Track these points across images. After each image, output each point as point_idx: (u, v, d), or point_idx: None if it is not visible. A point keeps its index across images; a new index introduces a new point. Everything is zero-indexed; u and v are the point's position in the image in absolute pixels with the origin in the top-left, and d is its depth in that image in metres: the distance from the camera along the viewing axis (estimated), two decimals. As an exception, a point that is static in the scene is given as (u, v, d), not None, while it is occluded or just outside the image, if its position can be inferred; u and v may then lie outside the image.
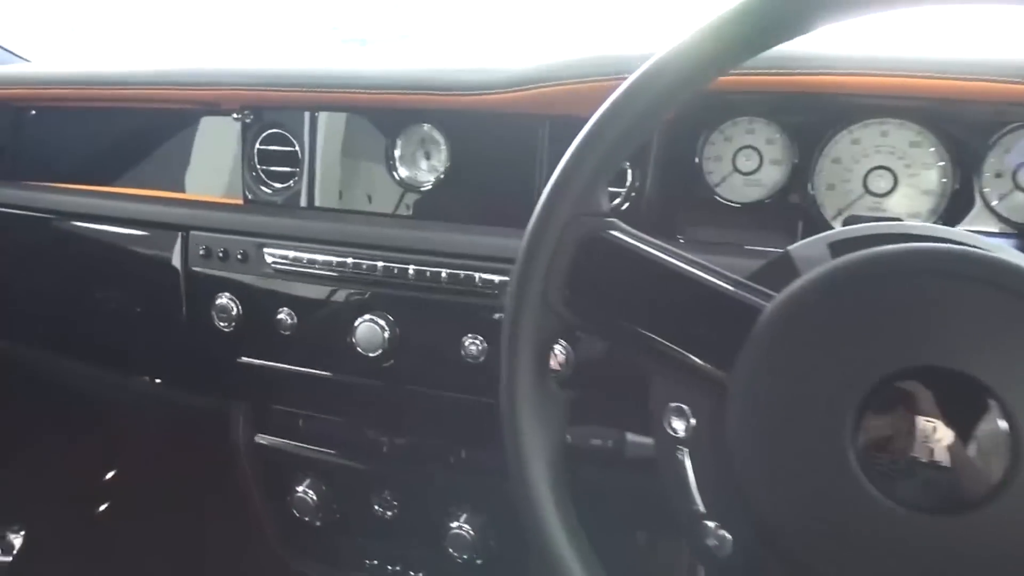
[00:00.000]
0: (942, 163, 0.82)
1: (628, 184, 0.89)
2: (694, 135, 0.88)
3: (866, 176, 0.84)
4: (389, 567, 1.06)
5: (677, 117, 0.86)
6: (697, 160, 0.88)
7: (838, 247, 0.61)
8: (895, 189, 0.84)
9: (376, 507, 1.02)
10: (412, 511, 1.01)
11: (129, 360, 1.12)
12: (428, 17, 1.98)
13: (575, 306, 0.56)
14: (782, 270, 0.63)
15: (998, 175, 0.80)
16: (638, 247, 0.55)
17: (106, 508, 1.55)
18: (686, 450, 0.54)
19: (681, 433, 0.54)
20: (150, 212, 1.05)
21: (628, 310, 0.55)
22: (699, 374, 0.52)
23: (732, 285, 0.53)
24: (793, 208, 0.86)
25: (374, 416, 0.97)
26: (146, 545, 1.58)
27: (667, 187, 0.88)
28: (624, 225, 0.57)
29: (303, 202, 1.02)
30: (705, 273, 0.53)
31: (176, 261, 1.02)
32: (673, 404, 0.54)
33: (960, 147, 0.81)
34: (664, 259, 0.54)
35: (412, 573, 1.05)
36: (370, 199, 0.99)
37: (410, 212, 0.96)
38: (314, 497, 1.03)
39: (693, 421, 0.53)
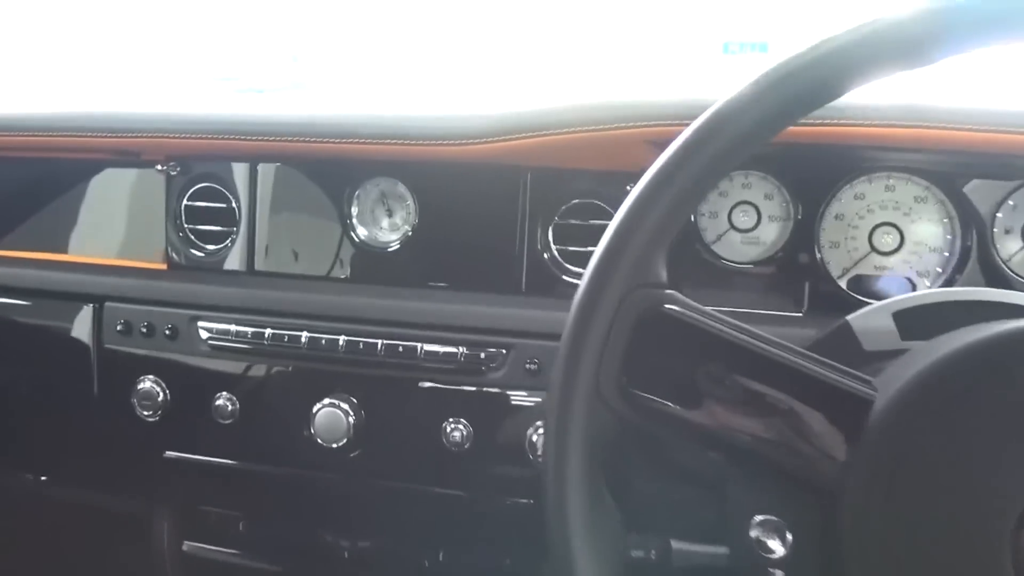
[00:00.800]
0: (947, 219, 0.78)
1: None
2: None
3: (871, 233, 0.79)
4: None
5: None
6: (691, 217, 0.81)
7: (905, 317, 0.54)
8: (901, 246, 0.79)
9: (336, 620, 0.88)
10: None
11: (29, 456, 0.93)
12: (321, 66, 1.87)
13: (633, 398, 0.46)
14: (845, 344, 0.56)
15: (1007, 231, 0.77)
16: (709, 324, 0.46)
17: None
18: (779, 573, 0.44)
19: (777, 553, 0.44)
20: (54, 280, 0.89)
21: (699, 402, 0.46)
22: (796, 481, 0.43)
23: (831, 371, 0.44)
24: (796, 268, 0.80)
25: (334, 516, 0.83)
26: None
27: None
28: (685, 298, 0.48)
29: (240, 266, 0.88)
30: (795, 356, 0.45)
31: (86, 338, 0.86)
32: (761, 517, 0.44)
33: (967, 203, 0.77)
34: (744, 339, 0.46)
35: None
36: (323, 263, 0.87)
37: (372, 278, 0.84)
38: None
39: (790, 537, 0.44)
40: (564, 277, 0.82)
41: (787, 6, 1.65)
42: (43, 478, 0.93)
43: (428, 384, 0.77)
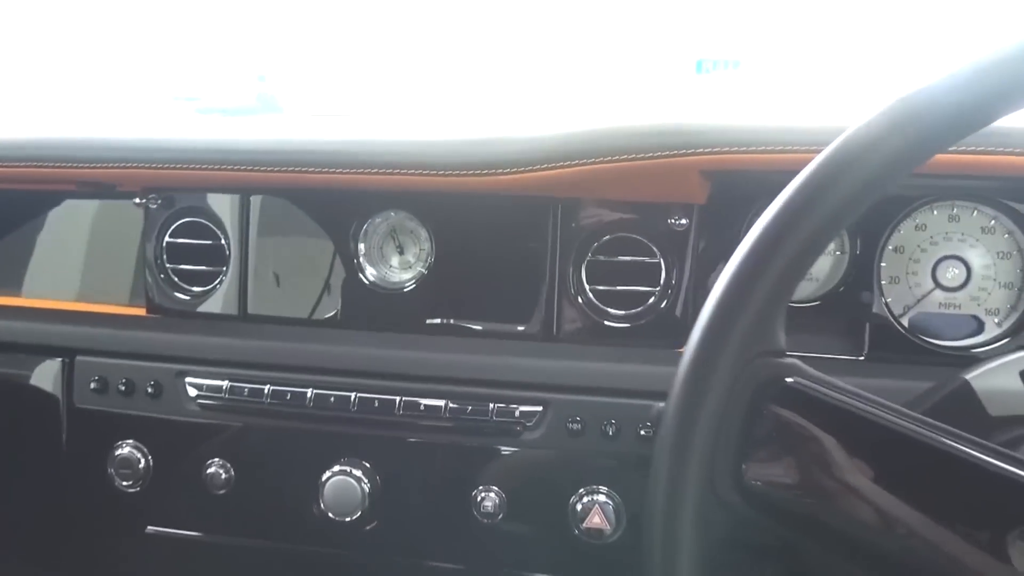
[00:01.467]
0: (1017, 251, 0.71)
1: (663, 279, 0.72)
2: (734, 218, 0.74)
3: (935, 267, 0.72)
4: None
5: (718, 198, 0.72)
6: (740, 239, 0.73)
7: (1035, 377, 0.47)
8: (968, 282, 0.72)
9: None
10: None
11: None
12: (290, 85, 1.77)
13: (753, 493, 0.38)
14: (967, 408, 0.48)
15: (1086, 264, 0.70)
16: (844, 400, 0.38)
17: None
18: None
19: None
20: (15, 329, 0.78)
21: (837, 498, 0.37)
22: None
23: (990, 455, 0.36)
24: (853, 306, 0.73)
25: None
26: None
27: (706, 282, 0.73)
28: (808, 367, 0.40)
29: (230, 311, 0.78)
30: (961, 443, 0.37)
31: (55, 398, 0.75)
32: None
33: None
34: (889, 419, 0.37)
35: None
36: (326, 308, 0.77)
37: (384, 324, 0.74)
38: None
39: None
40: (602, 321, 0.73)
41: (759, 23, 1.61)
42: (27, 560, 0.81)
43: (454, 447, 0.67)
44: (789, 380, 0.38)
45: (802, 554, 0.43)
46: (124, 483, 0.72)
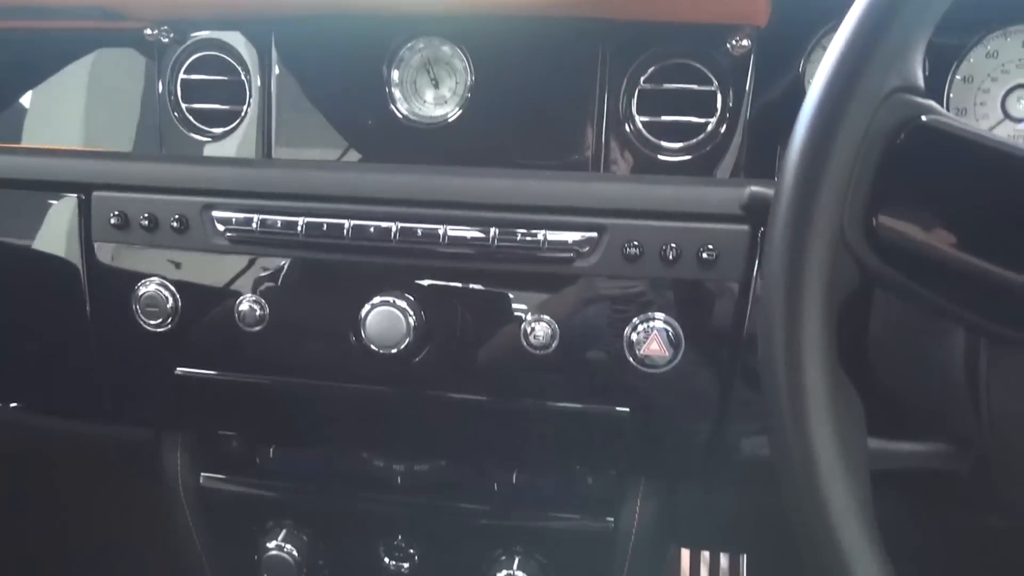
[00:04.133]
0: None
1: (719, 108, 0.68)
2: (797, 44, 0.69)
3: (1005, 97, 0.68)
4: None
5: (778, 22, 0.67)
6: (800, 69, 0.69)
7: None
8: (1039, 112, 0.68)
9: (386, 559, 0.76)
10: (438, 563, 0.75)
11: (14, 383, 0.78)
12: None
13: (885, 243, 0.34)
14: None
15: None
16: (990, 140, 0.34)
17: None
18: None
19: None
20: (24, 166, 0.73)
21: (976, 243, 0.34)
22: None
23: None
24: None
25: (387, 437, 0.70)
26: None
27: (765, 112, 0.69)
28: (944, 110, 0.36)
29: (253, 152, 0.74)
30: None
31: (72, 236, 0.71)
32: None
33: None
34: None
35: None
36: (355, 146, 0.73)
37: (419, 161, 0.70)
38: (294, 553, 0.74)
39: None
40: (655, 155, 0.69)
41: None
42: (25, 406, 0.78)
43: (503, 277, 0.64)
44: (926, 119, 0.35)
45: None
46: (151, 322, 0.69)
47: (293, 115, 0.74)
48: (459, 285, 0.65)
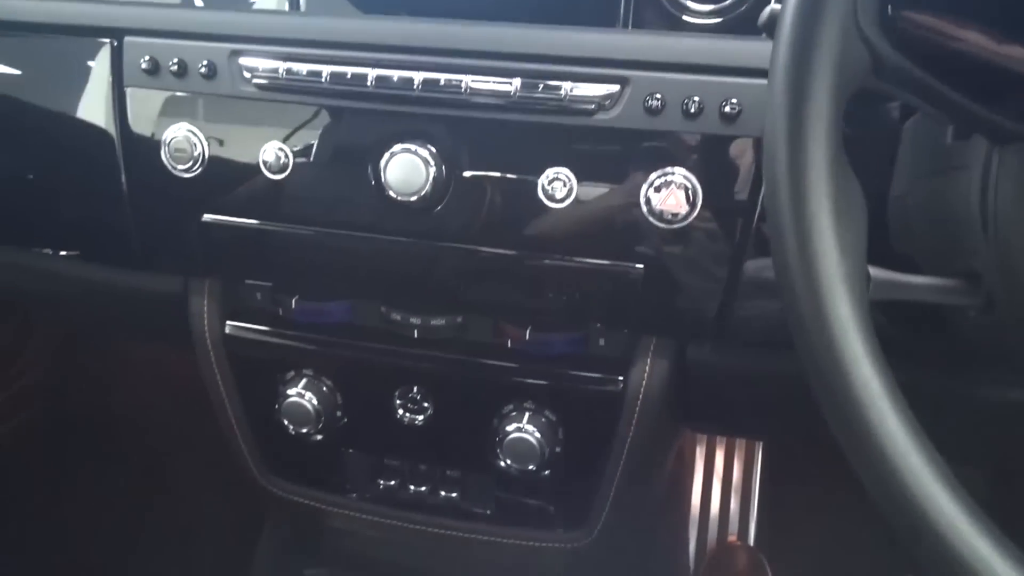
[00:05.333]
0: None
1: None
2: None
3: None
4: (413, 487, 0.83)
5: None
6: None
7: None
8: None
9: (400, 411, 0.79)
10: (450, 411, 0.78)
11: (39, 228, 0.81)
12: None
13: (901, 35, 0.34)
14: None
15: None
16: None
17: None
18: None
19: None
20: (57, 11, 0.74)
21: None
22: None
23: None
24: None
25: (405, 288, 0.72)
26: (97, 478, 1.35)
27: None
28: None
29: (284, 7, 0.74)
30: None
31: (104, 80, 0.72)
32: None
33: None
34: None
35: (446, 493, 0.83)
36: (386, 8, 0.72)
37: (449, 13, 0.69)
38: (314, 402, 0.77)
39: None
40: (680, 16, 0.68)
41: None
42: (63, 253, 0.81)
43: (524, 128, 0.64)
44: None
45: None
46: (179, 167, 0.71)
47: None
48: (479, 136, 0.65)
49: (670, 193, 0.62)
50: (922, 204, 0.50)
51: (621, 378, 0.72)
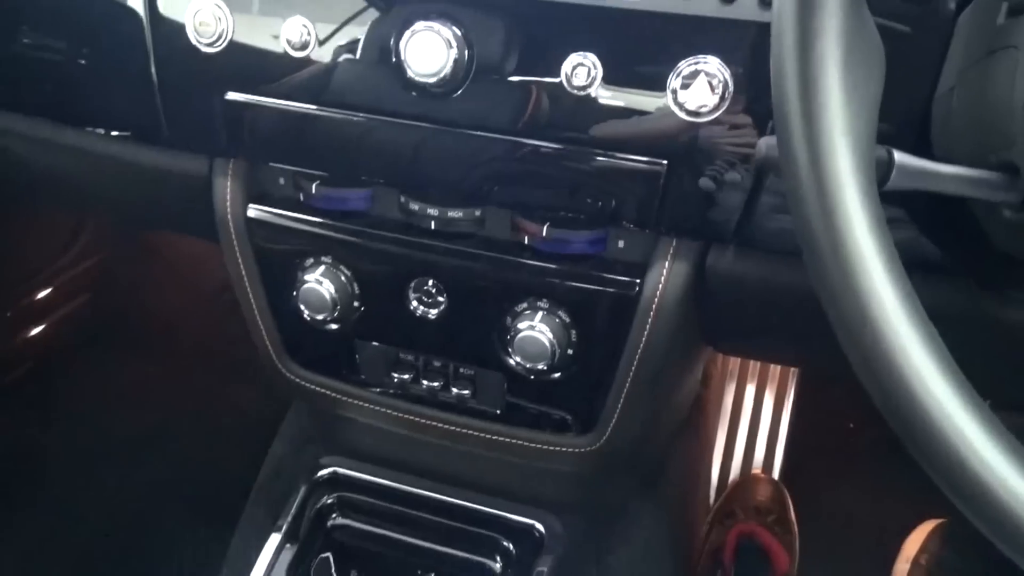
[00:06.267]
0: None
1: None
2: None
3: None
4: (427, 383, 0.84)
5: None
6: None
7: None
8: None
9: (414, 303, 0.78)
10: (464, 306, 0.77)
11: (69, 104, 0.81)
12: None
13: None
14: None
15: None
16: None
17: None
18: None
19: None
20: None
21: None
22: None
23: None
24: None
25: (424, 175, 0.70)
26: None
27: None
28: None
29: None
30: None
31: (132, -51, 0.71)
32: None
33: None
34: None
35: (458, 390, 0.83)
36: None
37: None
38: (331, 289, 0.78)
39: None
40: None
41: None
42: (93, 129, 0.82)
43: (549, 10, 0.61)
44: None
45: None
46: (203, 42, 0.70)
47: None
48: (503, 17, 0.63)
49: (699, 84, 0.59)
50: (964, 94, 0.47)
51: (638, 281, 0.71)
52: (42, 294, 1.56)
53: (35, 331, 1.56)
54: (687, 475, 1.24)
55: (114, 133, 0.82)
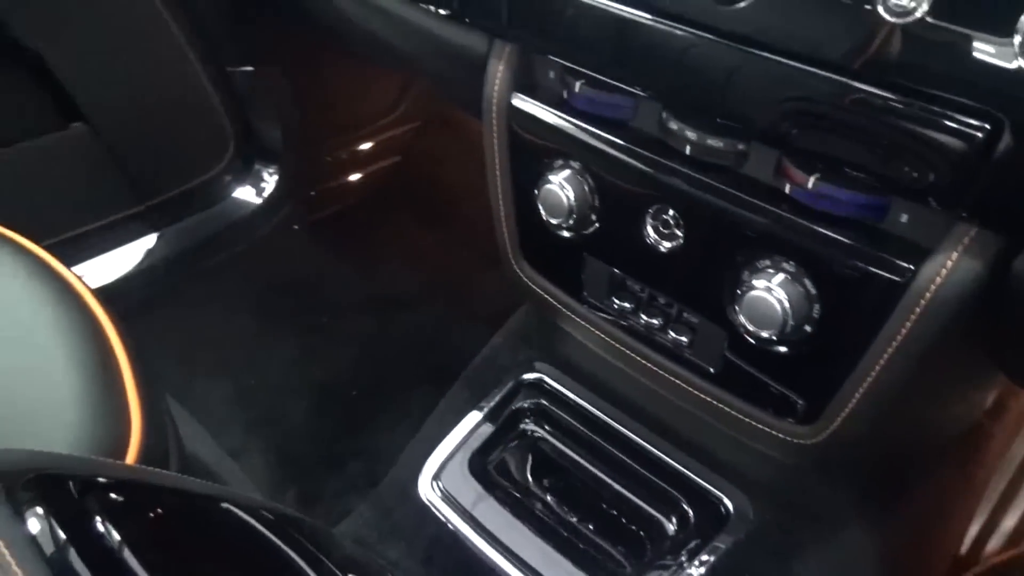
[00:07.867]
0: None
1: None
2: None
3: None
4: (646, 318, 0.78)
5: None
6: None
7: None
8: None
9: (650, 229, 0.73)
10: (700, 246, 0.70)
11: None
12: None
13: None
14: None
15: None
16: None
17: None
18: None
19: None
20: None
21: None
22: None
23: None
24: None
25: (690, 89, 0.63)
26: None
27: None
28: None
29: None
30: None
31: None
32: None
33: None
34: None
35: (675, 335, 0.77)
36: None
37: None
38: (570, 193, 0.75)
39: None
40: None
41: None
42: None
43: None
44: None
45: None
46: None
47: None
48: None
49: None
50: None
51: (912, 268, 0.58)
52: (363, 146, 1.74)
53: (350, 178, 1.75)
54: (931, 514, 1.05)
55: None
